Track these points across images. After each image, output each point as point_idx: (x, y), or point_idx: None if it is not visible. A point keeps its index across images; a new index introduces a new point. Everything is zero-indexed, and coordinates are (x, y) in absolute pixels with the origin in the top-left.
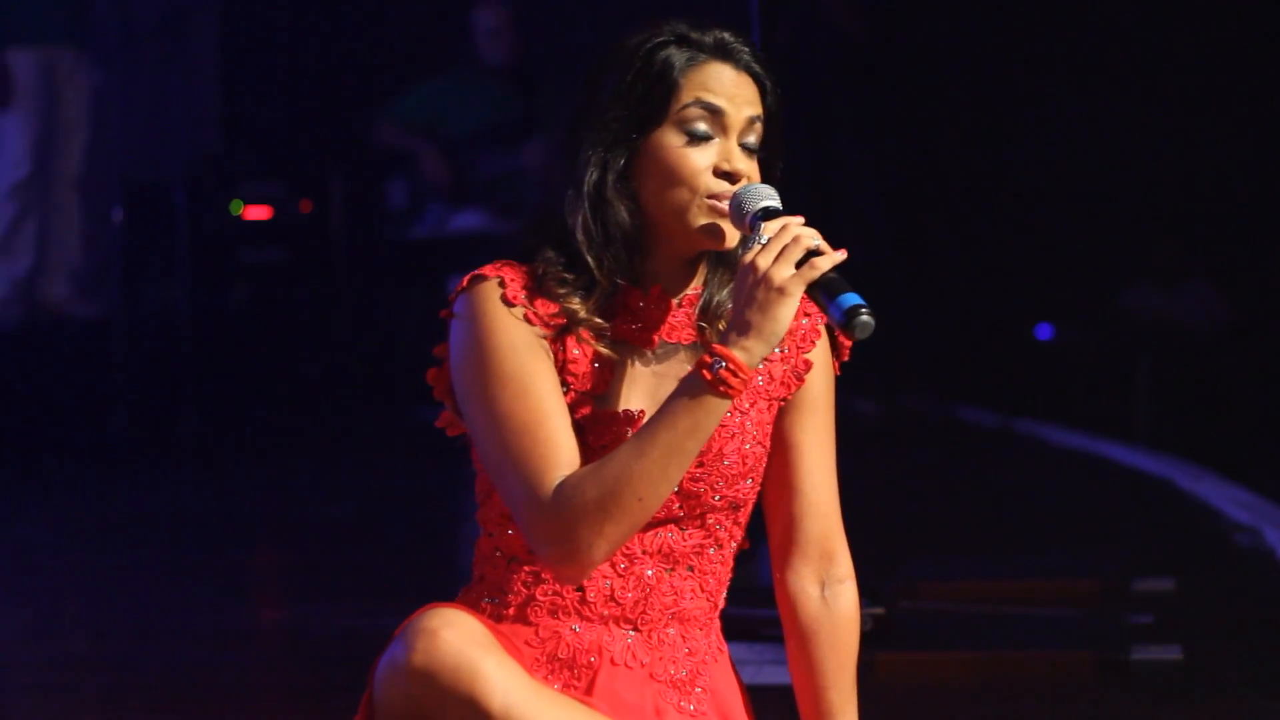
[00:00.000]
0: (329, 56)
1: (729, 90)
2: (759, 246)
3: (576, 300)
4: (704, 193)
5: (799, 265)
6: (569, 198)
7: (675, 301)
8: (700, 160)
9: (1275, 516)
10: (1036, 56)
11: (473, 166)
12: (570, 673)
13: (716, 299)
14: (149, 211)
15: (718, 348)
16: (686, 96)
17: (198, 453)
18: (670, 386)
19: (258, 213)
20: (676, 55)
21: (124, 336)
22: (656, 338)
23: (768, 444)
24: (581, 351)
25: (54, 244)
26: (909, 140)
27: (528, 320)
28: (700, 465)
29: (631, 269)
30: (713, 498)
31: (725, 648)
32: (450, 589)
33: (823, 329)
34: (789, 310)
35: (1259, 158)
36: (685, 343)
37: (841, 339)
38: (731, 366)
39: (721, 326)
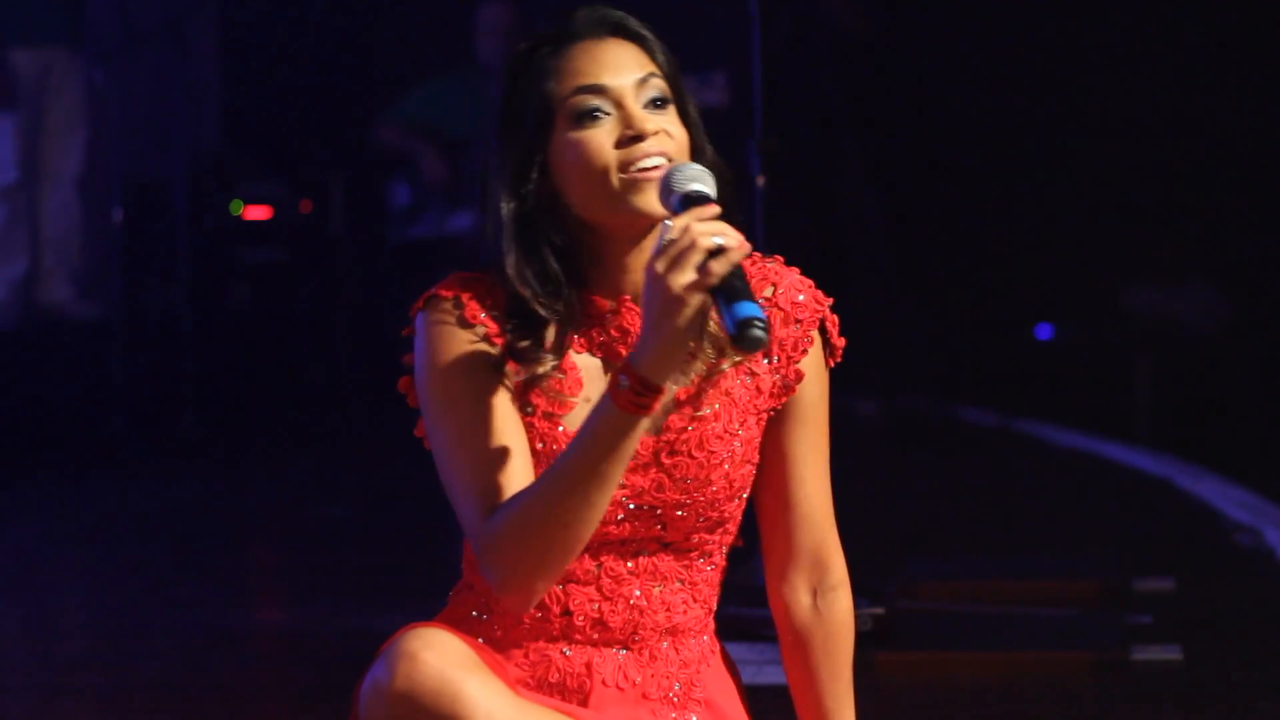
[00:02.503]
0: (329, 56)
1: (604, 61)
2: (660, 248)
3: (529, 340)
4: (616, 168)
5: (702, 268)
6: (496, 238)
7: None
8: (598, 136)
9: (1275, 516)
10: (1036, 56)
11: (473, 167)
12: (561, 696)
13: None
14: (149, 211)
15: (625, 365)
16: (565, 89)
17: (198, 453)
18: (645, 419)
19: (258, 213)
20: (542, 55)
21: (124, 337)
22: (625, 350)
23: (757, 458)
24: (562, 384)
25: (54, 245)
26: (909, 140)
27: (489, 340)
28: (685, 493)
29: (589, 278)
30: (697, 520)
31: (717, 646)
32: (449, 590)
33: (815, 335)
34: (685, 320)
35: (1259, 157)
36: None
37: (834, 340)
38: (633, 384)
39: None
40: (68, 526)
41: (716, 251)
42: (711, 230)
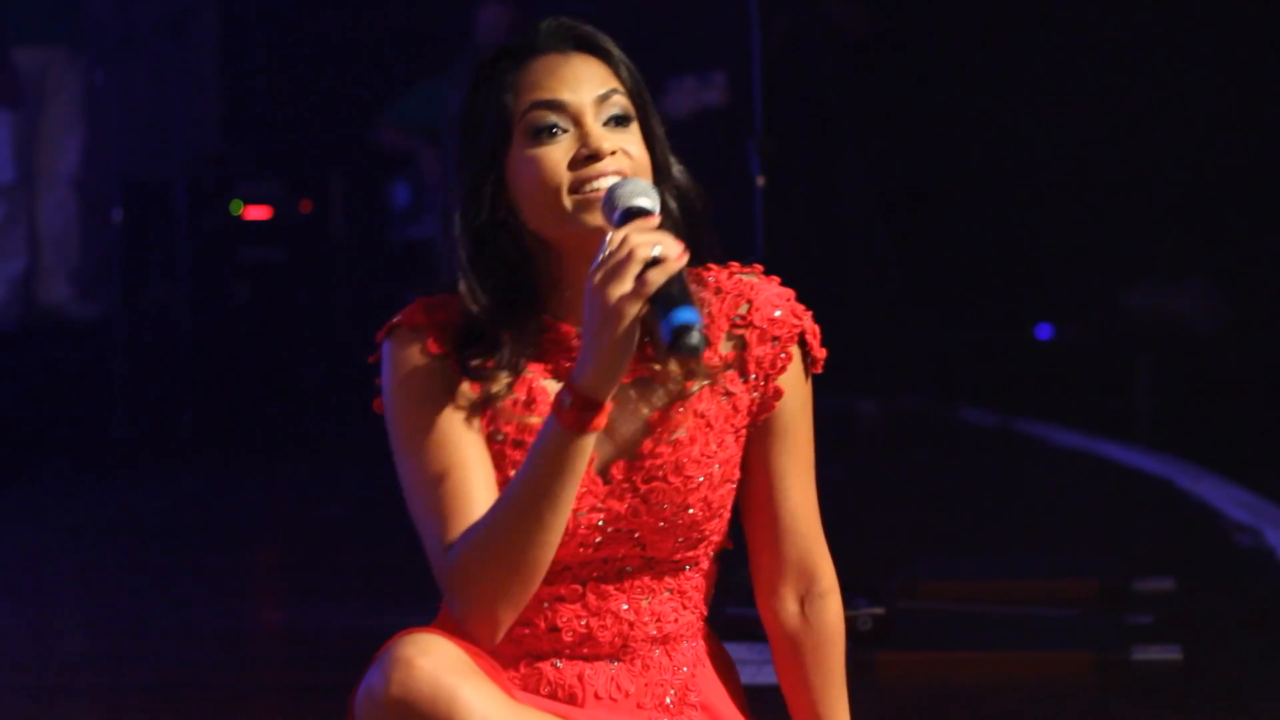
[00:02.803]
0: (329, 57)
1: (563, 77)
2: (598, 262)
3: (485, 364)
4: (569, 187)
5: (639, 278)
6: (451, 260)
7: None
8: (553, 154)
9: (1275, 516)
10: (1036, 56)
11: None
12: (553, 709)
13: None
14: (149, 211)
15: (568, 382)
16: (523, 103)
17: (198, 453)
18: (610, 428)
19: (258, 213)
20: (501, 70)
21: (124, 336)
22: None
23: (737, 475)
24: (513, 395)
25: (52, 244)
26: (909, 140)
27: (452, 370)
28: (661, 518)
29: (549, 301)
30: (676, 541)
31: (714, 643)
32: None
33: (794, 351)
34: (622, 332)
35: (1259, 156)
36: (626, 381)
37: (815, 352)
38: (578, 403)
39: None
40: (68, 526)
41: (654, 262)
42: (649, 241)
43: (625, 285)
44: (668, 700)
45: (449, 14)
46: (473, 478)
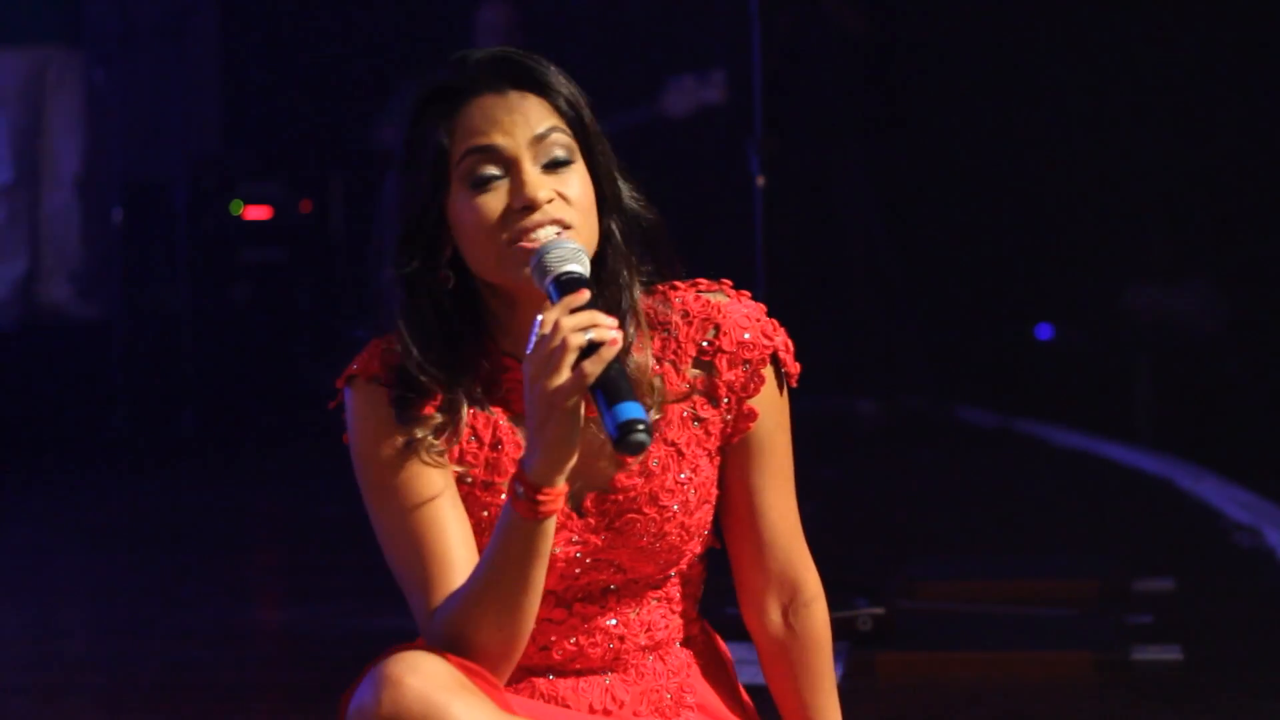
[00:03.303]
0: (329, 57)
1: (498, 120)
2: (532, 347)
3: (428, 425)
4: (506, 240)
5: (576, 368)
6: (388, 308)
7: None
8: (489, 205)
9: (1275, 516)
10: (1037, 55)
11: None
12: None
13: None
14: (149, 211)
15: (518, 472)
16: (458, 149)
17: (198, 453)
18: (580, 462)
19: (258, 213)
20: (435, 113)
21: (124, 336)
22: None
23: (714, 496)
24: (478, 438)
25: (53, 245)
26: (909, 140)
27: (411, 415)
28: (639, 549)
29: (499, 341)
30: (656, 564)
31: (710, 639)
32: None
33: (767, 373)
34: (564, 423)
35: (1259, 157)
36: (593, 415)
37: (789, 368)
38: (530, 493)
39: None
40: (68, 526)
41: (589, 349)
42: (582, 325)
43: (561, 377)
44: (664, 704)
45: (449, 14)
46: (448, 536)
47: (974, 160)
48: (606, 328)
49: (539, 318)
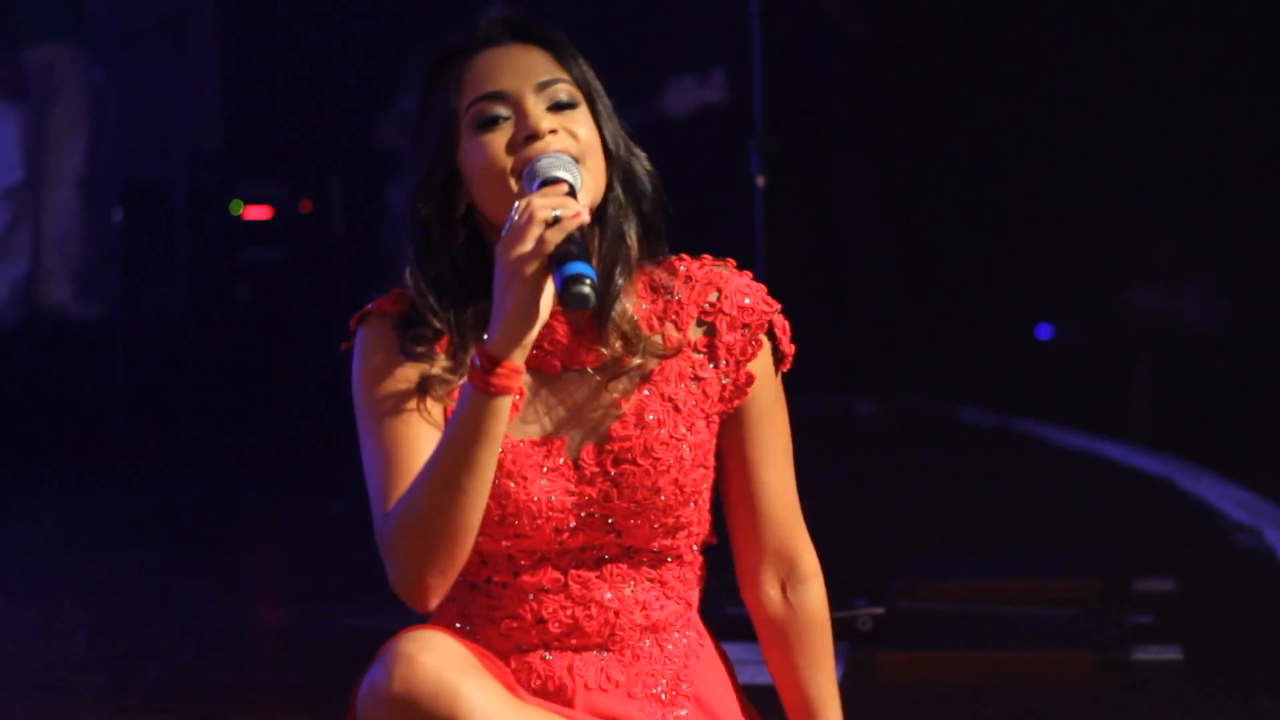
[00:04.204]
0: (329, 56)
1: (503, 68)
2: (506, 228)
3: (434, 364)
4: (512, 172)
5: (539, 240)
6: (406, 256)
7: (575, 327)
8: (496, 141)
9: (1275, 516)
10: (1037, 55)
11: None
12: (544, 702)
13: (612, 318)
14: (149, 211)
15: (479, 345)
16: (466, 99)
17: (198, 453)
18: (577, 413)
19: (258, 213)
20: (444, 69)
21: (124, 337)
22: (558, 363)
23: (710, 463)
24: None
25: (54, 244)
26: (909, 140)
27: (417, 358)
28: (634, 502)
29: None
30: (651, 527)
31: (707, 637)
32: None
33: (764, 339)
34: (524, 292)
35: (1259, 157)
36: (591, 366)
37: (784, 348)
38: (485, 364)
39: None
40: (68, 526)
41: (554, 223)
42: (548, 204)
43: (525, 246)
44: (657, 690)
45: (449, 14)
46: (419, 456)
47: (974, 160)
48: (571, 206)
49: (515, 204)
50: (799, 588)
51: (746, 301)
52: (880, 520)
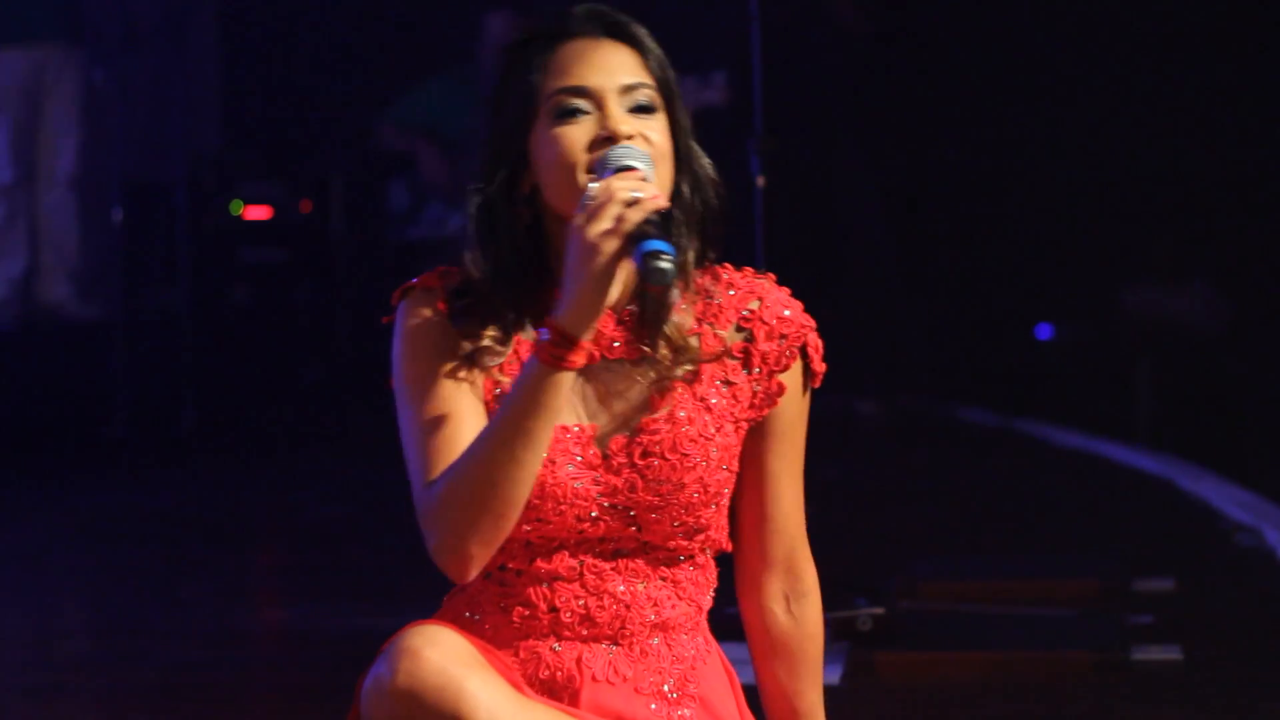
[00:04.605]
0: (329, 56)
1: (590, 61)
2: (582, 207)
3: (482, 333)
4: (584, 167)
5: (618, 218)
6: (466, 233)
7: (616, 317)
8: (574, 134)
9: (1275, 516)
10: (1037, 55)
11: (473, 167)
12: (550, 693)
13: (651, 314)
14: (149, 211)
15: (548, 319)
16: (550, 86)
17: (198, 453)
18: (610, 403)
19: (258, 213)
20: (532, 51)
21: (124, 337)
22: (598, 354)
23: (735, 467)
24: (521, 357)
25: (52, 244)
26: (909, 139)
27: (459, 334)
28: (658, 495)
29: (560, 280)
30: (671, 524)
31: (714, 645)
32: (448, 590)
33: (798, 350)
34: (600, 267)
35: (1259, 157)
36: (630, 358)
37: (815, 366)
38: (555, 338)
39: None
40: (68, 526)
41: (633, 203)
42: (629, 185)
43: (604, 223)
44: (665, 688)
45: (449, 14)
46: (463, 427)
47: (974, 160)
48: (650, 189)
49: (592, 185)
50: (800, 602)
51: (786, 314)
52: (880, 520)
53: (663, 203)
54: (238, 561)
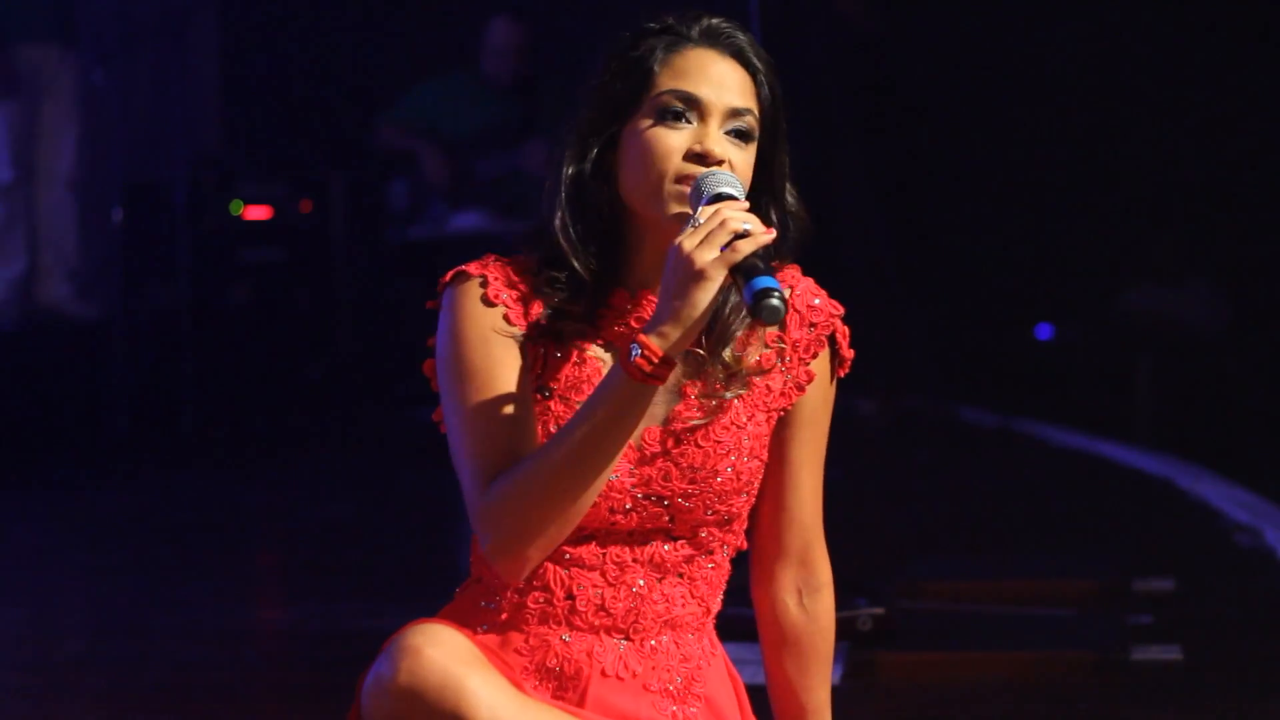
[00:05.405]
0: (329, 57)
1: (710, 76)
2: (689, 230)
3: (563, 301)
4: (674, 175)
5: (727, 246)
6: (551, 196)
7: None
8: (672, 140)
9: (1275, 516)
10: (1037, 55)
11: (472, 167)
12: (558, 683)
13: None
14: (149, 211)
15: (639, 335)
16: (663, 84)
17: (198, 453)
18: (653, 393)
19: (258, 213)
20: (656, 44)
21: (124, 336)
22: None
23: (765, 456)
24: (564, 354)
25: (51, 244)
26: (909, 139)
27: (507, 320)
28: (692, 482)
29: (618, 268)
30: (705, 513)
31: (719, 647)
32: (450, 589)
33: (826, 339)
34: (706, 294)
35: (1259, 157)
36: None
37: (844, 352)
38: (646, 354)
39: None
40: (68, 526)
41: (743, 235)
42: (740, 216)
43: (714, 251)
44: (674, 685)
45: (449, 14)
46: (518, 422)
47: (974, 160)
48: (762, 224)
49: (699, 209)
50: (814, 596)
51: (816, 302)
52: (880, 520)
53: (772, 238)
54: (238, 561)
